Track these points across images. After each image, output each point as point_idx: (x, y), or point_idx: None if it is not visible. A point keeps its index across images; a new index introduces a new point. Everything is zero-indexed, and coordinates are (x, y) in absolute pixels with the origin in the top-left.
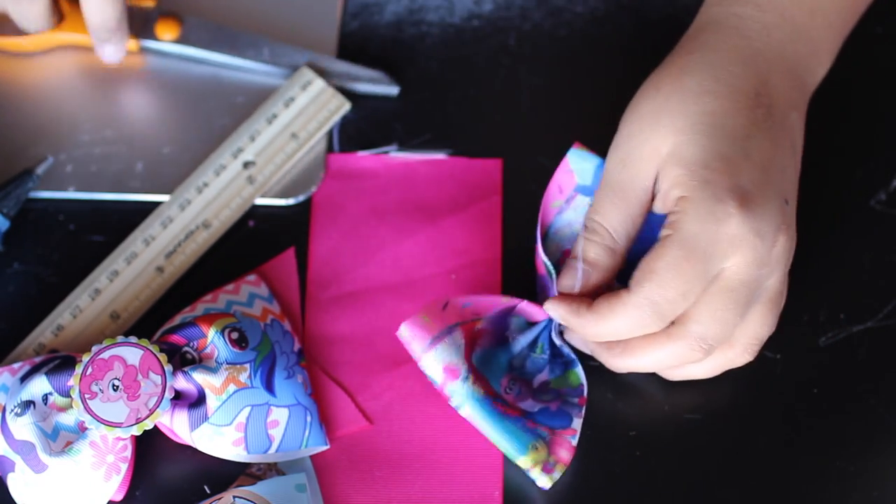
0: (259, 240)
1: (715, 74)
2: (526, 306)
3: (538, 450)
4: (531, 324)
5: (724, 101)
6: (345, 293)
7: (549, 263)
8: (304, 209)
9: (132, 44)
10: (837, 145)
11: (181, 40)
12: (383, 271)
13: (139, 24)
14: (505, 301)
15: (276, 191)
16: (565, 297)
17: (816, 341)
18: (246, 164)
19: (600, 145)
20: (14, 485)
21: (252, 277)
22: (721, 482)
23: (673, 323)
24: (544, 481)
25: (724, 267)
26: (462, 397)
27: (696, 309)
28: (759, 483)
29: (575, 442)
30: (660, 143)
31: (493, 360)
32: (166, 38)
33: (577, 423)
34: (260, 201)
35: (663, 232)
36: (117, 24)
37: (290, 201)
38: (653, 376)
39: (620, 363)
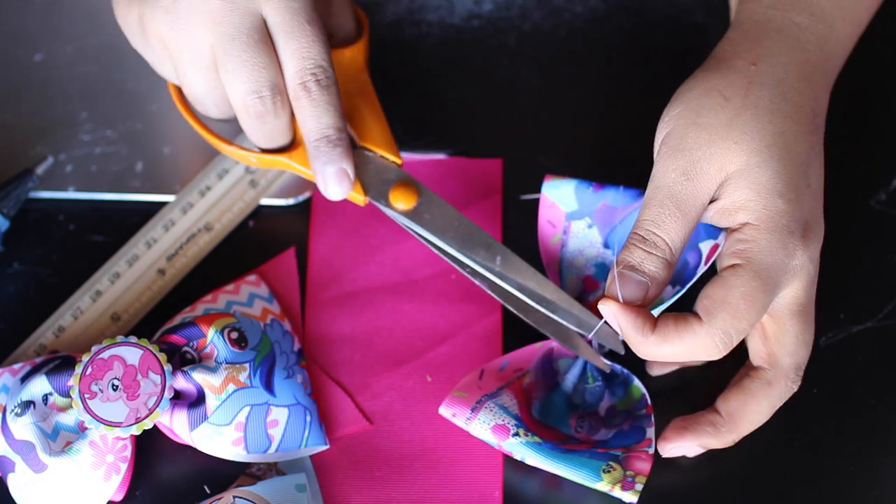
0: (259, 240)
1: (783, 92)
2: (560, 345)
3: (613, 470)
4: (574, 359)
5: (792, 123)
6: (345, 293)
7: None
8: (304, 209)
9: (359, 198)
10: (837, 146)
11: (412, 214)
12: (383, 271)
13: (376, 182)
14: (539, 348)
15: (277, 191)
16: (628, 307)
17: (816, 341)
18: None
19: (600, 144)
20: (14, 485)
21: (252, 277)
22: (721, 482)
23: (755, 367)
24: (630, 496)
25: (782, 294)
26: (521, 449)
27: (781, 344)
28: (759, 483)
29: (652, 450)
30: (729, 159)
31: (552, 406)
32: (399, 208)
33: (651, 433)
34: (260, 201)
35: (730, 260)
36: (338, 136)
37: (290, 201)
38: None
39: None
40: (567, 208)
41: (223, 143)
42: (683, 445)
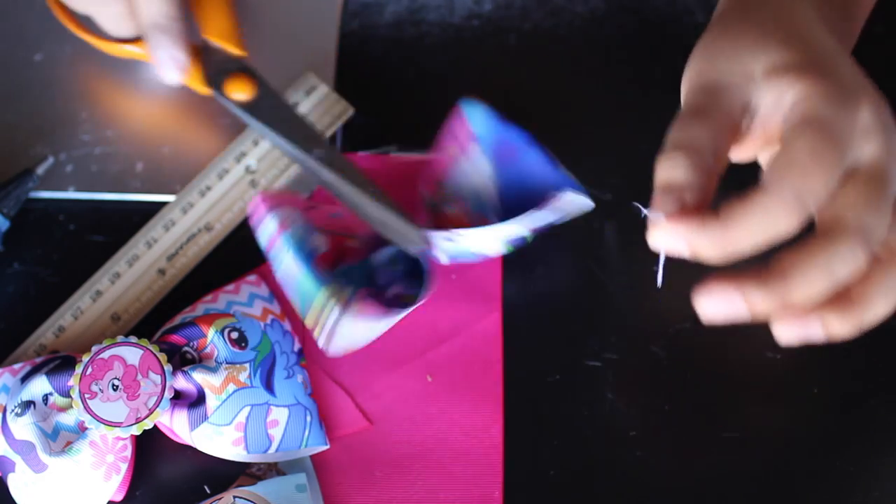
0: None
1: (783, 3)
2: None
3: (340, 294)
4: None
5: (808, 10)
6: None
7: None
8: None
9: (201, 88)
10: None
11: (250, 107)
12: None
13: (215, 72)
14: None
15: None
16: (677, 216)
17: None
18: (249, 169)
19: (600, 145)
20: (14, 485)
21: (252, 277)
22: (721, 482)
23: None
24: (335, 308)
25: (858, 157)
26: (287, 243)
27: (844, 198)
28: (759, 483)
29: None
30: (751, 60)
31: (353, 272)
32: (236, 98)
33: (400, 315)
34: None
35: (787, 129)
36: (168, 24)
37: None
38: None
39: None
40: (477, 130)
41: (84, 32)
42: (721, 293)
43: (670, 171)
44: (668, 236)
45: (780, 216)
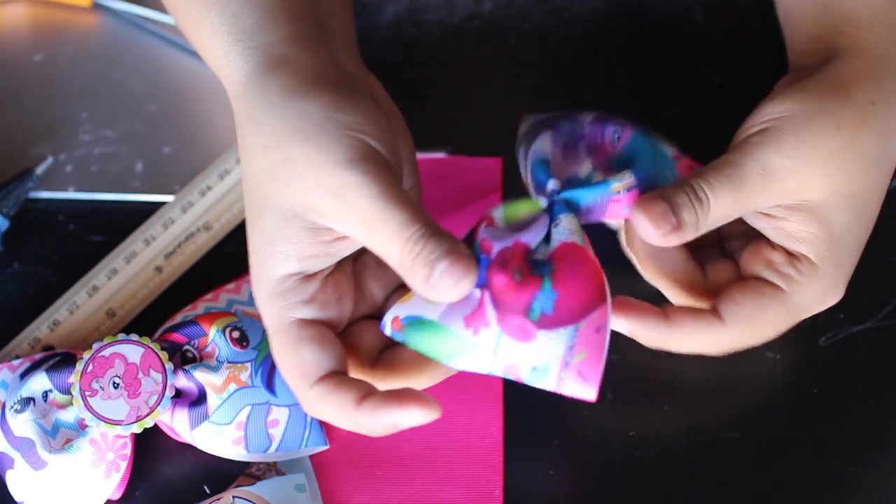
0: None
1: (885, 146)
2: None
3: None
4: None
5: (879, 179)
6: None
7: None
8: None
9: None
10: None
11: None
12: None
13: None
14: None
15: None
16: (633, 307)
17: (816, 341)
18: None
19: None
20: (13, 481)
21: None
22: (721, 482)
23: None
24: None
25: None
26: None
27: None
28: (759, 483)
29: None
30: (813, 187)
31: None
32: None
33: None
34: None
35: (774, 276)
36: None
37: None
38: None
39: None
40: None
41: None
42: (621, 325)
43: (685, 205)
44: (621, 324)
45: (716, 348)
